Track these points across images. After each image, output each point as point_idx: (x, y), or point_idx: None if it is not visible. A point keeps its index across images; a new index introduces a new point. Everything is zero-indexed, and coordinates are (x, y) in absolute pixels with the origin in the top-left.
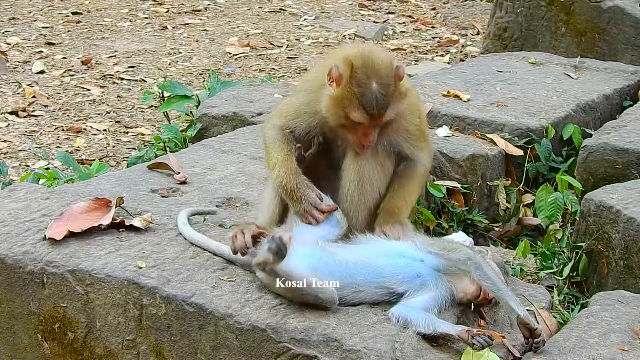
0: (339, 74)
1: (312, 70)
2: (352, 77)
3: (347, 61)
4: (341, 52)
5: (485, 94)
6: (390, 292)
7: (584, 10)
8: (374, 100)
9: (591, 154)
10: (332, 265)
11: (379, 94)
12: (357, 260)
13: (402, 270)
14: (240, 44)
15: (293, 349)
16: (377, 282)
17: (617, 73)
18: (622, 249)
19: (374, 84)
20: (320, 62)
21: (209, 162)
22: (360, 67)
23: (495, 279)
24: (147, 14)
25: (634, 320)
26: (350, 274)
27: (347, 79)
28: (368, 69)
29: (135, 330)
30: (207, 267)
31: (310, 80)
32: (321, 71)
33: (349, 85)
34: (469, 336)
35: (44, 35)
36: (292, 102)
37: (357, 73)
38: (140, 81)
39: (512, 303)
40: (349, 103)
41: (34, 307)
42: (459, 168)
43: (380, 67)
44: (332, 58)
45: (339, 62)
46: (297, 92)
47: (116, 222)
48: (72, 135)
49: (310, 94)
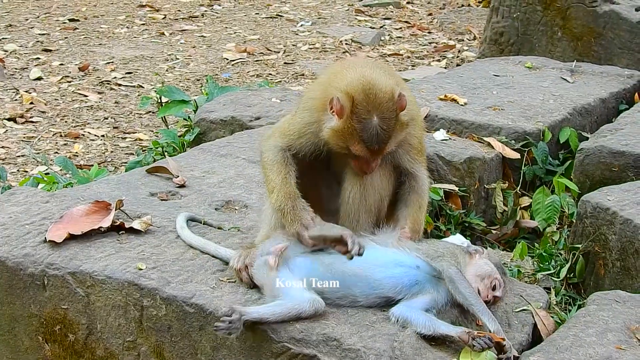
0: (341, 106)
1: (314, 88)
2: (353, 112)
3: (348, 95)
4: (342, 79)
5: (482, 98)
6: (388, 300)
7: (580, 15)
8: (375, 136)
9: (588, 156)
10: (328, 277)
11: (380, 129)
12: (353, 272)
13: (399, 280)
14: (237, 49)
15: (293, 348)
16: (375, 293)
17: (614, 77)
18: (619, 250)
19: (374, 119)
20: (323, 77)
21: (208, 165)
22: (361, 101)
23: (467, 293)
24: (144, 20)
25: (631, 319)
26: (348, 286)
27: (348, 113)
28: (369, 104)
29: (135, 331)
30: (206, 268)
31: (314, 99)
32: (323, 91)
33: (349, 121)
34: (469, 338)
35: (41, 42)
36: (296, 122)
37: (358, 108)
38: (137, 87)
39: (484, 318)
40: (350, 137)
41: (35, 309)
42: (456, 171)
43: (382, 100)
44: (334, 77)
45: (340, 93)
46: (301, 112)
47: (116, 225)
48: (70, 141)
49: (314, 114)
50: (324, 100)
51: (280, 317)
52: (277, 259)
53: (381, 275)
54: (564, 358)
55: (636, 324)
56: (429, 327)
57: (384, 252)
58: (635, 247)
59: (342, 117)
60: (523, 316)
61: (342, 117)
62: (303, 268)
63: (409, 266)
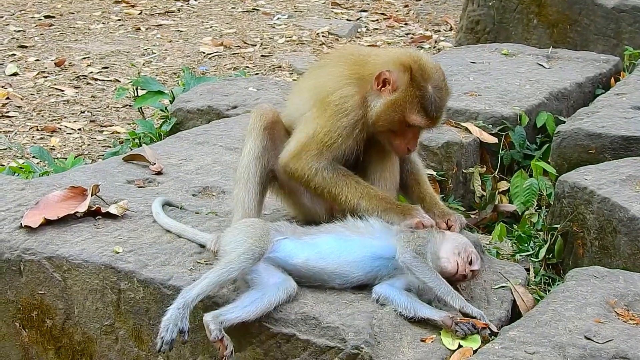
0: (396, 77)
1: (339, 87)
2: (413, 80)
3: (404, 66)
4: (379, 59)
5: (459, 84)
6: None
7: (555, 2)
8: (434, 102)
9: (565, 139)
10: (304, 272)
11: (437, 97)
12: (331, 270)
13: (378, 272)
14: (214, 43)
15: (271, 328)
16: (353, 285)
17: (590, 62)
18: (597, 229)
19: (430, 87)
20: (341, 73)
21: (185, 153)
22: (417, 70)
23: (425, 278)
24: (120, 16)
25: (610, 294)
26: (325, 280)
27: (407, 83)
28: (424, 73)
29: (113, 315)
30: (184, 251)
31: (349, 97)
32: (357, 84)
33: (409, 90)
34: (452, 323)
35: (16, 39)
36: (335, 129)
37: (416, 77)
38: (114, 81)
39: (447, 298)
40: (410, 107)
41: (12, 295)
42: (434, 156)
43: (432, 70)
44: (358, 67)
45: (391, 67)
46: (336, 117)
47: (92, 210)
48: (47, 134)
49: (357, 111)
50: (362, 93)
51: (260, 314)
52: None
53: (361, 272)
54: (543, 332)
55: (615, 298)
56: (410, 309)
57: (361, 246)
58: (613, 225)
59: (399, 88)
60: (502, 293)
61: (400, 89)
62: (276, 258)
63: (387, 258)
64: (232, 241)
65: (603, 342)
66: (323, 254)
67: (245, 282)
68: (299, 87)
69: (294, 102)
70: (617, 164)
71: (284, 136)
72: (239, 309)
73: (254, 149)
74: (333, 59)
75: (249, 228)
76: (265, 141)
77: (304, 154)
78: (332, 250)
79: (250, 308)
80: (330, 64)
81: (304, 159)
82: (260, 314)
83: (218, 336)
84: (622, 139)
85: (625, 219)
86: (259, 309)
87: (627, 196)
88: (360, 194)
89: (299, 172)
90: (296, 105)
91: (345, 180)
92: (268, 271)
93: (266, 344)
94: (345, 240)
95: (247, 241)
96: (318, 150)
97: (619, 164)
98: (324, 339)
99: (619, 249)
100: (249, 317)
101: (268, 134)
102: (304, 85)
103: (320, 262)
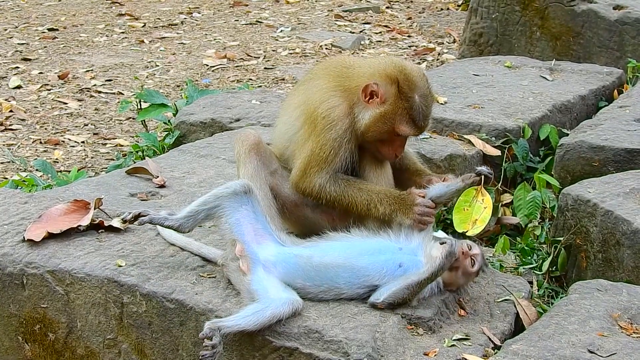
0: (384, 90)
1: (325, 100)
2: (401, 92)
3: (390, 78)
4: (365, 71)
5: (462, 97)
6: (372, 288)
7: (558, 15)
8: (421, 112)
9: (568, 152)
10: (309, 270)
11: (424, 106)
12: (336, 263)
13: (384, 264)
14: (217, 56)
15: (274, 341)
16: (359, 282)
17: (593, 74)
18: (600, 242)
19: (417, 97)
20: (324, 86)
21: (188, 166)
22: (404, 81)
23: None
24: (124, 29)
25: (613, 307)
26: (331, 278)
27: (394, 95)
28: (411, 84)
29: (116, 328)
30: (187, 264)
31: (334, 108)
32: (342, 96)
33: (397, 102)
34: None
35: (20, 52)
36: (326, 142)
37: (403, 88)
38: (117, 94)
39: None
40: (399, 118)
41: (14, 309)
42: (437, 168)
43: (418, 79)
44: (343, 79)
45: (377, 79)
46: (324, 131)
47: (95, 223)
48: (50, 147)
49: (344, 121)
50: (348, 103)
51: (261, 325)
52: (247, 263)
53: (365, 263)
54: (547, 346)
55: (618, 312)
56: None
57: (365, 241)
58: (617, 238)
59: (387, 101)
60: (505, 306)
61: (388, 101)
62: (280, 265)
63: (392, 251)
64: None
65: (606, 355)
66: (326, 250)
67: (250, 296)
68: (287, 104)
69: (283, 121)
70: (620, 177)
71: (270, 154)
72: (239, 318)
73: (246, 172)
74: (318, 72)
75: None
76: (255, 161)
77: (307, 172)
78: (335, 246)
79: (251, 318)
80: (315, 77)
81: (308, 176)
82: (261, 326)
83: (207, 334)
84: (626, 151)
85: (629, 232)
86: (260, 320)
87: (631, 209)
88: (372, 198)
89: (308, 190)
90: (287, 125)
91: (352, 190)
92: (273, 285)
93: (269, 358)
94: (348, 239)
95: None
96: (319, 167)
97: (622, 176)
98: (327, 353)
99: (622, 261)
100: (248, 327)
101: (255, 154)
102: (292, 102)
103: (325, 258)
